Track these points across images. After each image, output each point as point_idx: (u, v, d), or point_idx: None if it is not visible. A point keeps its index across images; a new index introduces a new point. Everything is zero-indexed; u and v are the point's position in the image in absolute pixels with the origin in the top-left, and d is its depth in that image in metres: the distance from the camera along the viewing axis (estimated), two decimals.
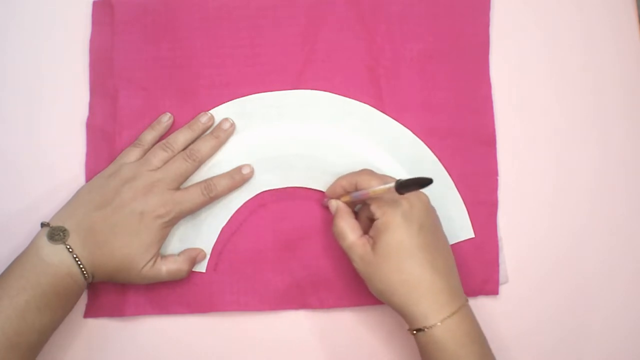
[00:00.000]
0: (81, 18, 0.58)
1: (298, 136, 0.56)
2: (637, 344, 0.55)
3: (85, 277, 0.49)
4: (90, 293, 0.54)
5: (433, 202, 0.54)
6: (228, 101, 0.56)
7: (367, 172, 0.51)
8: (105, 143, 0.56)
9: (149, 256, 0.50)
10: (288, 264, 0.55)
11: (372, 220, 0.49)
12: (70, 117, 0.56)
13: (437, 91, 0.56)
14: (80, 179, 0.55)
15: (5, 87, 0.57)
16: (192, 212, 0.52)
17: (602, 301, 0.55)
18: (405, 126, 0.56)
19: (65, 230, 0.49)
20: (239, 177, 0.54)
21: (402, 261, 0.46)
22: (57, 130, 0.57)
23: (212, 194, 0.52)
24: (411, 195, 0.47)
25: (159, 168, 0.52)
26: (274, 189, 0.55)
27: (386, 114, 0.56)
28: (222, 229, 0.54)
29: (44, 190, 0.56)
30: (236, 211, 0.55)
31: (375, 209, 0.48)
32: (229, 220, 0.55)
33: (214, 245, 0.54)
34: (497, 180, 0.56)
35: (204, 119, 0.55)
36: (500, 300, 0.55)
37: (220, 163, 0.55)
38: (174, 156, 0.53)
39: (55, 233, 0.48)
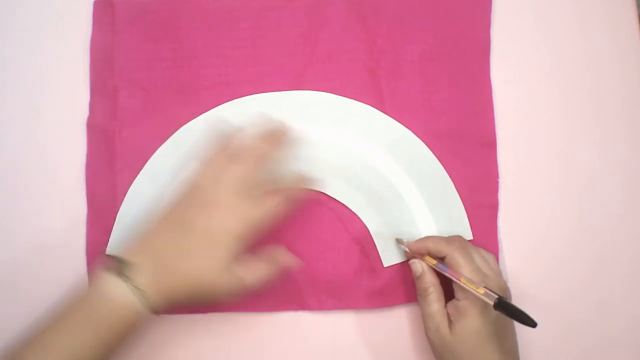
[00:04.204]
0: (82, 18, 0.57)
1: (298, 137, 0.56)
2: (637, 340, 0.55)
3: (149, 309, 0.45)
4: None
5: (433, 203, 0.55)
6: (228, 101, 0.56)
7: (459, 250, 0.49)
8: (105, 143, 0.56)
9: (228, 275, 0.47)
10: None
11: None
12: (70, 117, 0.56)
13: (437, 93, 0.56)
14: (80, 179, 0.55)
15: (5, 87, 0.57)
16: (265, 224, 0.48)
17: (602, 301, 0.55)
18: (406, 127, 0.56)
19: (129, 262, 0.46)
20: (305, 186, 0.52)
21: (476, 347, 0.47)
22: (57, 130, 0.56)
23: (281, 204, 0.49)
24: (494, 282, 0.48)
25: (227, 182, 0.48)
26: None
27: (387, 115, 0.56)
28: None
29: (44, 190, 0.56)
30: None
31: (457, 288, 0.48)
32: None
33: None
34: (497, 182, 0.56)
35: (267, 125, 0.52)
36: None
37: None
38: (242, 166, 0.49)
39: (119, 265, 0.46)
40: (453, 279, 0.48)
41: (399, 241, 0.54)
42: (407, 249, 0.53)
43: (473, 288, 0.47)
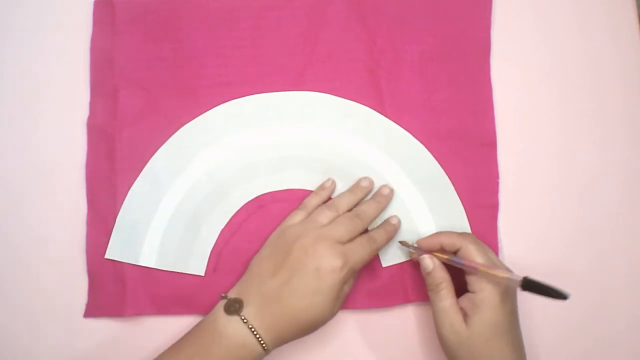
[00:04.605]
0: (82, 17, 0.58)
1: (298, 138, 0.56)
2: (637, 341, 0.55)
3: (264, 348, 0.47)
4: (90, 293, 0.54)
5: (432, 204, 0.55)
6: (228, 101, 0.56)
7: (473, 242, 0.49)
8: (105, 143, 0.56)
9: (336, 306, 0.49)
10: None
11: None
12: (70, 117, 0.56)
13: (437, 93, 0.56)
14: (81, 179, 0.55)
15: (5, 86, 0.57)
16: (360, 266, 0.50)
17: (602, 301, 0.55)
18: (406, 128, 0.56)
19: (240, 301, 0.48)
20: (391, 229, 0.53)
21: (492, 340, 0.47)
22: (57, 130, 0.56)
23: (375, 245, 0.51)
24: (505, 274, 0.48)
25: (325, 225, 0.50)
26: (273, 191, 0.55)
27: (387, 115, 0.56)
28: (222, 230, 0.54)
29: (44, 191, 0.56)
30: (235, 213, 0.55)
31: (473, 281, 0.48)
32: (228, 221, 0.55)
33: (213, 246, 0.54)
34: (497, 182, 0.56)
35: (364, 183, 0.54)
36: None
37: (221, 164, 0.55)
38: (340, 216, 0.51)
39: (231, 305, 0.48)
40: (470, 268, 0.48)
41: (403, 244, 0.54)
42: (412, 250, 0.52)
43: (495, 273, 0.46)
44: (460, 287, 0.49)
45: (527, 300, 0.55)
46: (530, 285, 0.44)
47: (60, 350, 0.54)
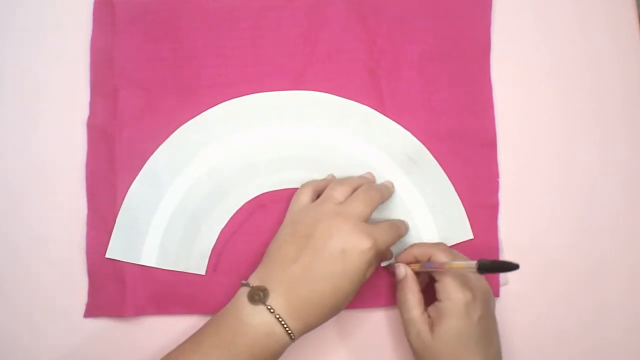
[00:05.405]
0: (82, 17, 0.57)
1: (298, 137, 0.56)
2: (637, 342, 0.55)
3: (291, 336, 0.45)
4: (90, 293, 0.54)
5: (432, 204, 0.55)
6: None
7: (442, 249, 0.49)
8: (105, 143, 0.56)
9: (359, 286, 0.47)
10: None
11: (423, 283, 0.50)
12: (70, 117, 0.56)
13: (437, 93, 0.56)
14: (81, 179, 0.55)
15: (5, 86, 0.57)
16: (385, 247, 0.48)
17: (602, 302, 0.55)
18: (406, 128, 0.56)
19: (265, 289, 0.45)
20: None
21: (458, 349, 0.46)
22: (57, 130, 0.56)
23: (398, 231, 0.51)
24: (476, 283, 0.47)
25: (342, 203, 0.48)
26: (273, 191, 0.55)
27: (387, 115, 0.56)
28: (222, 230, 0.54)
29: (44, 191, 0.56)
30: (236, 212, 0.55)
31: (440, 288, 0.47)
32: (228, 221, 0.55)
33: (214, 246, 0.54)
34: (497, 182, 0.56)
35: (368, 175, 0.54)
36: (501, 302, 0.55)
37: (221, 164, 0.55)
38: (359, 203, 0.48)
39: (255, 293, 0.45)
40: (437, 269, 0.48)
41: (388, 266, 0.54)
42: (394, 264, 0.52)
43: (455, 265, 0.46)
44: (432, 299, 0.49)
45: (528, 303, 0.55)
46: (485, 267, 0.44)
47: (60, 350, 0.54)
